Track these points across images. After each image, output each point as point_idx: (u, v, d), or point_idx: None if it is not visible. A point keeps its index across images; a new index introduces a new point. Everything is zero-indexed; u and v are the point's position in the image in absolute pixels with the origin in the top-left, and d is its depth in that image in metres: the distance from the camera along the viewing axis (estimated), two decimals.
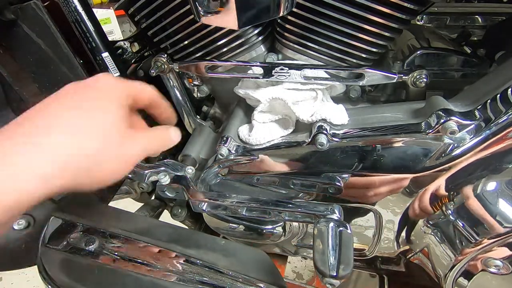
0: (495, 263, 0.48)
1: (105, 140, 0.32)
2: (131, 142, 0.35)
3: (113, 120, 0.33)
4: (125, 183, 0.78)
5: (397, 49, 0.68)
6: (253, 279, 0.48)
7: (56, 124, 0.30)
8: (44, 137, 0.29)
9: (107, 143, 0.32)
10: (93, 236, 0.53)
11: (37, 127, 0.30)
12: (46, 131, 0.29)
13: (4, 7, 0.50)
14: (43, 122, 0.30)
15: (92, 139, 0.31)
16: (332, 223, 0.47)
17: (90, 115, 0.32)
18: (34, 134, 0.29)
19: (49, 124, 0.30)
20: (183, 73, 0.66)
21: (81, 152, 0.31)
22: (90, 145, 0.31)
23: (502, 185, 0.48)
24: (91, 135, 0.31)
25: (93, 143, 0.31)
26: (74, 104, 0.32)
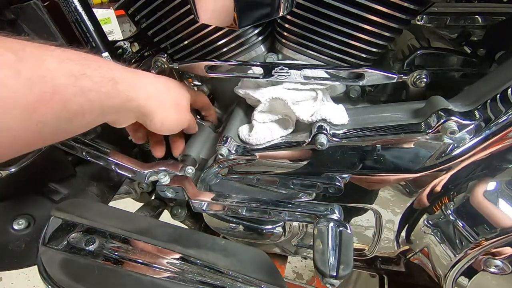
0: (495, 263, 0.48)
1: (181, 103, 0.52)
2: (185, 115, 0.53)
3: (187, 95, 0.54)
4: (125, 183, 0.78)
5: (397, 49, 0.68)
6: (253, 279, 0.48)
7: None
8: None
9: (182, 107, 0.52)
10: (93, 236, 0.53)
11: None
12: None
13: (4, 7, 0.50)
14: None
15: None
16: (332, 223, 0.47)
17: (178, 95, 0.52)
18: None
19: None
20: (183, 73, 0.66)
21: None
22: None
23: (502, 185, 0.48)
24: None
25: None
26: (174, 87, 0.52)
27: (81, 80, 0.35)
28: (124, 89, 0.40)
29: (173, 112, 0.49)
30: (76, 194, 0.67)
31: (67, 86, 0.34)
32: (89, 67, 0.36)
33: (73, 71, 0.34)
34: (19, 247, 0.62)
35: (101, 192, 0.71)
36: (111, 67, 0.40)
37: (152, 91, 0.45)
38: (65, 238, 0.53)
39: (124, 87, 0.40)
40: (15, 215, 0.62)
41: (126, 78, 0.41)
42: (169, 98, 0.48)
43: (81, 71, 0.35)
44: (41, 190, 0.65)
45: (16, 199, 0.63)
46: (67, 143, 0.58)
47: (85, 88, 0.35)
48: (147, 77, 0.46)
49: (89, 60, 0.37)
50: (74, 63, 0.35)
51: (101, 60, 0.39)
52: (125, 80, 0.40)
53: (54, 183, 0.65)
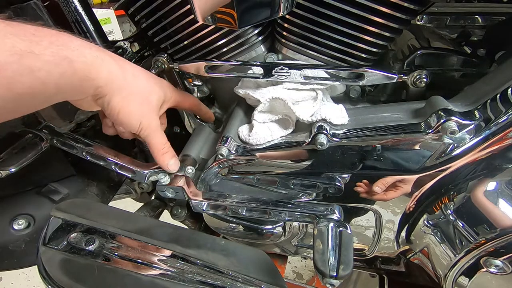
0: (495, 263, 0.48)
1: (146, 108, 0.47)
2: (149, 115, 0.48)
3: (158, 94, 0.49)
4: (125, 183, 0.78)
5: (397, 49, 0.68)
6: (253, 279, 0.48)
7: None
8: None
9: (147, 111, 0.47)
10: (93, 236, 0.53)
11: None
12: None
13: (4, 7, 0.50)
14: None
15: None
16: (332, 223, 0.47)
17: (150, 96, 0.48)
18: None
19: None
20: (183, 73, 0.66)
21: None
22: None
23: (502, 185, 0.48)
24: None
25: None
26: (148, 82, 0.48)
27: (27, 59, 0.32)
28: (81, 67, 0.37)
29: (134, 104, 0.45)
30: (76, 194, 0.67)
31: (9, 64, 0.31)
32: (38, 44, 0.33)
33: (16, 48, 0.31)
34: (19, 247, 0.62)
35: (101, 192, 0.71)
36: (67, 44, 0.36)
37: (116, 72, 0.42)
38: (65, 238, 0.53)
39: (81, 66, 0.37)
40: (15, 215, 0.62)
41: (85, 56, 0.38)
42: (134, 86, 0.45)
43: (27, 48, 0.32)
44: (41, 190, 0.65)
45: (16, 199, 0.63)
46: (67, 143, 0.58)
47: (33, 67, 0.32)
48: (110, 57, 0.42)
49: (40, 36, 0.34)
50: (19, 39, 0.32)
51: (56, 36, 0.36)
52: (83, 58, 0.37)
53: (54, 183, 0.65)
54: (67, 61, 0.35)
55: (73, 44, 0.37)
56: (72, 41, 0.37)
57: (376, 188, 0.52)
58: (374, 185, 0.52)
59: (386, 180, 0.52)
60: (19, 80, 0.32)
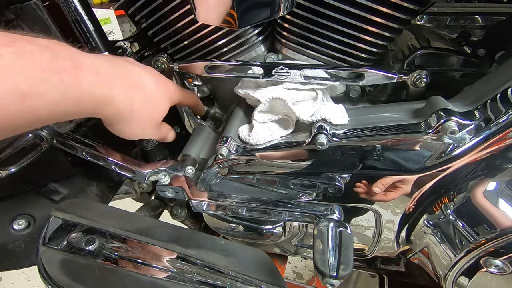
0: (495, 263, 0.48)
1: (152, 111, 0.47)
2: (153, 129, 0.49)
3: (164, 110, 0.49)
4: (125, 183, 0.78)
5: (397, 49, 0.68)
6: (253, 279, 0.48)
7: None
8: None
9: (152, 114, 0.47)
10: (93, 236, 0.53)
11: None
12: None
13: (4, 7, 0.50)
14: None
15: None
16: (332, 223, 0.47)
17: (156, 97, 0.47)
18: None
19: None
20: (183, 73, 0.66)
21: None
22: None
23: (502, 185, 0.48)
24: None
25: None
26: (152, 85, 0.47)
27: (29, 99, 0.30)
28: (88, 106, 0.36)
29: (141, 126, 0.45)
30: (76, 194, 0.67)
31: (7, 106, 0.28)
32: (46, 81, 0.31)
33: (19, 89, 0.29)
34: (19, 247, 0.62)
35: (101, 192, 0.71)
36: (79, 82, 0.34)
37: (123, 105, 0.40)
38: (65, 238, 0.53)
39: (88, 105, 0.36)
40: (15, 215, 0.62)
41: (94, 96, 0.36)
42: (141, 113, 0.43)
43: (32, 88, 0.29)
44: (41, 190, 0.65)
45: (16, 199, 0.63)
46: (67, 143, 0.58)
47: (35, 107, 0.30)
48: (122, 88, 0.40)
49: (51, 72, 0.31)
50: (25, 77, 0.29)
51: (67, 72, 0.32)
52: (92, 97, 0.36)
53: (54, 183, 0.65)
54: (73, 100, 0.34)
55: (86, 81, 0.35)
56: (84, 78, 0.34)
57: (376, 188, 0.52)
58: (373, 185, 0.52)
59: (385, 181, 0.52)
60: (16, 119, 0.30)
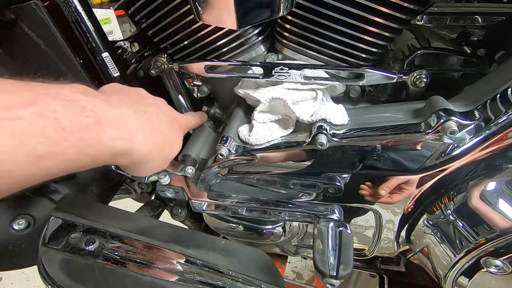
0: (495, 263, 0.48)
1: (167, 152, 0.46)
2: (165, 164, 0.48)
3: (178, 148, 0.48)
4: (125, 183, 0.78)
5: (397, 49, 0.68)
6: (253, 279, 0.48)
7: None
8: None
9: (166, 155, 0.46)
10: (93, 236, 0.53)
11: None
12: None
13: (4, 7, 0.50)
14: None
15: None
16: (332, 223, 0.47)
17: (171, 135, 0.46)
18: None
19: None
20: (183, 73, 0.66)
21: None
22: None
23: (502, 185, 0.48)
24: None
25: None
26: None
27: (45, 160, 0.28)
28: (104, 160, 0.34)
29: (154, 167, 0.45)
30: (76, 194, 0.67)
31: (22, 168, 0.27)
32: (65, 141, 0.29)
33: (35, 152, 0.27)
34: (19, 247, 0.62)
35: (101, 192, 0.71)
36: (98, 139, 0.32)
37: (141, 155, 0.39)
38: (65, 238, 0.53)
39: (105, 159, 0.34)
40: (15, 215, 0.62)
41: (113, 149, 0.34)
42: (157, 157, 0.43)
43: (49, 149, 0.28)
44: (41, 190, 0.65)
45: (16, 199, 0.63)
46: None
47: (49, 167, 0.29)
48: (143, 137, 0.38)
49: (71, 131, 0.29)
50: (43, 139, 0.27)
51: (88, 129, 0.31)
52: (109, 152, 0.34)
53: (54, 183, 0.65)
54: (91, 156, 0.32)
55: (107, 136, 0.33)
56: (105, 134, 0.32)
57: (382, 191, 0.52)
58: (379, 188, 0.52)
59: (391, 183, 0.52)
60: (30, 179, 0.28)
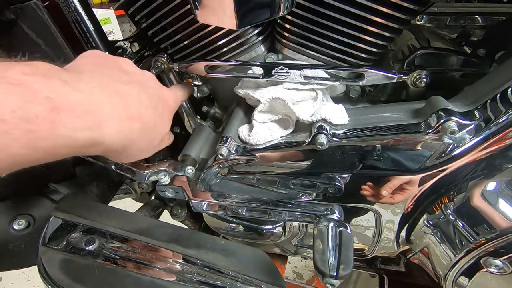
0: (495, 263, 0.48)
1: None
2: (154, 149, 0.46)
3: (164, 131, 0.46)
4: (125, 183, 0.78)
5: (397, 49, 0.68)
6: (253, 279, 0.48)
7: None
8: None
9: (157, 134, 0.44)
10: (93, 236, 0.53)
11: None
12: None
13: (4, 7, 0.50)
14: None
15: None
16: (332, 223, 0.47)
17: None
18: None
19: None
20: (183, 73, 0.66)
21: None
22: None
23: (502, 185, 0.48)
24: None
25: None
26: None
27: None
28: (74, 151, 0.30)
29: (138, 154, 0.42)
30: (76, 194, 0.67)
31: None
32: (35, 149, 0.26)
33: None
34: (19, 247, 0.62)
35: (101, 192, 0.71)
36: (74, 137, 0.28)
37: (118, 144, 0.35)
38: (65, 238, 0.53)
39: (74, 150, 0.30)
40: (15, 215, 0.62)
41: (78, 140, 0.30)
42: (138, 144, 0.39)
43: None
44: (41, 190, 0.65)
45: (16, 199, 0.63)
46: None
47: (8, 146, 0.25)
48: (122, 128, 0.35)
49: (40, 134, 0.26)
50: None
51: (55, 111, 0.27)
52: (76, 143, 0.30)
53: (54, 183, 0.65)
54: (44, 150, 0.28)
55: (64, 128, 0.28)
56: (67, 121, 0.29)
57: (383, 192, 0.52)
58: (379, 188, 0.52)
59: (391, 183, 0.52)
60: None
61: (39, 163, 0.29)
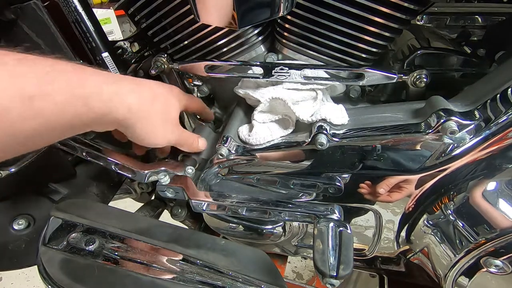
0: (495, 263, 0.48)
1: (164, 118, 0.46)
2: (173, 129, 0.48)
3: (176, 107, 0.49)
4: (125, 183, 0.78)
5: (397, 49, 0.68)
6: (253, 279, 0.48)
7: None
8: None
9: (164, 120, 0.46)
10: (93, 236, 0.53)
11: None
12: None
13: (4, 7, 0.50)
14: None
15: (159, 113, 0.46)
16: (332, 223, 0.47)
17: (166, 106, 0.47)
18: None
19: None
20: (183, 73, 0.66)
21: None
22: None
23: (502, 185, 0.48)
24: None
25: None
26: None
27: (34, 101, 0.30)
28: (98, 105, 0.36)
29: (158, 126, 0.45)
30: (76, 194, 0.67)
31: (12, 109, 0.29)
32: (50, 84, 0.31)
33: (24, 92, 0.29)
34: (19, 247, 0.62)
35: (101, 192, 0.71)
36: (83, 83, 0.34)
37: (133, 102, 0.40)
38: (65, 238, 0.53)
39: (98, 104, 0.36)
40: (15, 215, 0.62)
41: (102, 93, 0.36)
42: (154, 109, 0.43)
43: (36, 90, 0.30)
44: (41, 190, 0.65)
45: (16, 199, 0.63)
46: (67, 143, 0.58)
47: (40, 110, 0.30)
48: (128, 85, 0.41)
49: (54, 75, 0.32)
50: (28, 80, 0.30)
51: (72, 72, 0.34)
52: (100, 96, 0.36)
53: (54, 183, 0.65)
54: (81, 101, 0.34)
55: (90, 81, 0.36)
56: (89, 78, 0.36)
57: (381, 190, 0.52)
58: (378, 186, 0.52)
59: (390, 181, 0.52)
60: (24, 124, 0.30)
61: (79, 120, 0.35)
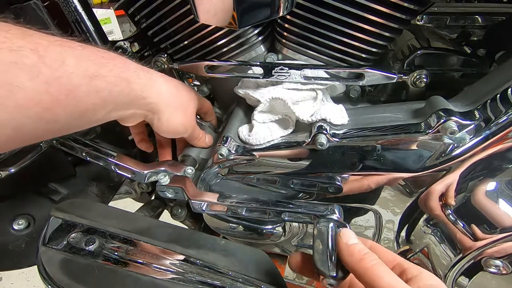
0: (495, 263, 0.48)
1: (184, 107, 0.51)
2: (191, 120, 0.53)
3: (195, 100, 0.54)
4: (125, 183, 0.78)
5: (397, 49, 0.68)
6: (253, 279, 0.48)
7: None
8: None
9: (184, 109, 0.51)
10: (93, 236, 0.53)
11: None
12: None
13: (4, 7, 0.50)
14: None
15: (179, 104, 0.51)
16: (332, 223, 0.47)
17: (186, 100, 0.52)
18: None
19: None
20: (183, 73, 0.66)
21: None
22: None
23: (502, 185, 0.48)
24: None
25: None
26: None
27: (95, 80, 0.36)
28: (137, 88, 0.42)
29: (180, 114, 0.50)
30: (76, 194, 0.67)
31: (81, 86, 0.35)
32: (105, 66, 0.37)
33: (89, 71, 0.35)
34: (19, 247, 0.62)
35: (101, 192, 0.71)
36: (127, 66, 0.41)
37: (163, 90, 0.47)
38: (65, 238, 0.53)
39: (137, 86, 0.42)
40: (15, 215, 0.62)
41: (140, 78, 0.43)
42: (178, 99, 0.49)
43: (97, 71, 0.36)
44: (41, 190, 0.65)
45: (16, 199, 0.63)
46: (67, 143, 0.58)
47: (98, 87, 0.36)
48: (160, 77, 0.48)
49: (107, 59, 0.38)
50: (92, 62, 0.36)
51: (118, 58, 0.40)
52: (139, 80, 0.42)
53: (54, 183, 0.65)
54: (126, 81, 0.40)
55: (131, 66, 0.42)
56: (130, 63, 0.42)
57: None
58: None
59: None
60: (87, 100, 0.36)
61: (123, 100, 0.41)
